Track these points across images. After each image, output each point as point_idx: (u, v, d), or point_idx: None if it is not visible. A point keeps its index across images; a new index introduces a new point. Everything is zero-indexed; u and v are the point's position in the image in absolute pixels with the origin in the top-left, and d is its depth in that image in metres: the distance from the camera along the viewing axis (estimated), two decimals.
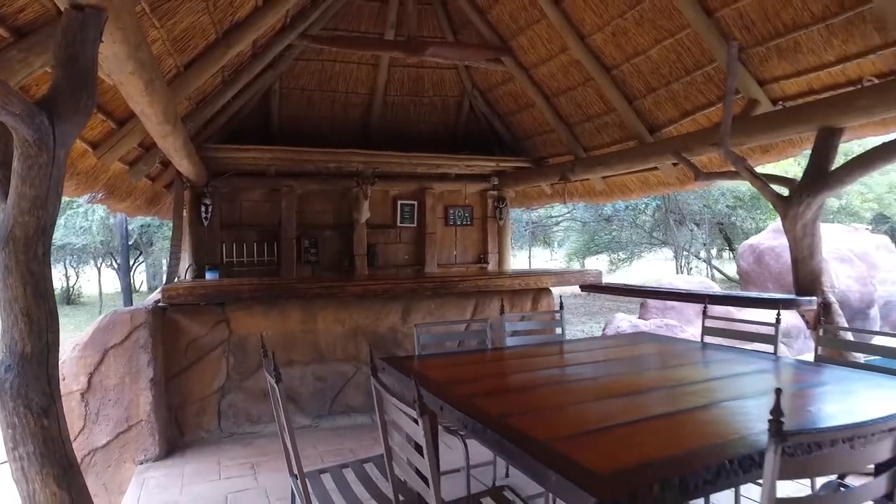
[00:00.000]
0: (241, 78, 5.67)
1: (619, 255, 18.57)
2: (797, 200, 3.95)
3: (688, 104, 5.18)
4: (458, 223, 7.84)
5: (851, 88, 3.93)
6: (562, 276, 5.62)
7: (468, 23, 6.50)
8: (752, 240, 10.28)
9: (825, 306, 4.09)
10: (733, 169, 4.47)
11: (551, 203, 8.85)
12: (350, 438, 4.35)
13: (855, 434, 1.39)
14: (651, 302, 8.39)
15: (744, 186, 13.57)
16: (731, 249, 15.74)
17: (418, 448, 1.67)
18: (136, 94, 2.92)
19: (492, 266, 7.90)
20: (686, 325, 7.84)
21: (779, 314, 3.19)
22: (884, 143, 3.63)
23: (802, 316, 4.22)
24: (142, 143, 4.72)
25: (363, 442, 4.23)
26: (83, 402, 3.86)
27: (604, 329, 8.71)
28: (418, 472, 1.75)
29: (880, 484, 1.51)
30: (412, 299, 5.05)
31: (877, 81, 3.79)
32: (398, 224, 7.62)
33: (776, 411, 1.29)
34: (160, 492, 3.48)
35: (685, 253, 15.66)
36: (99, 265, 20.10)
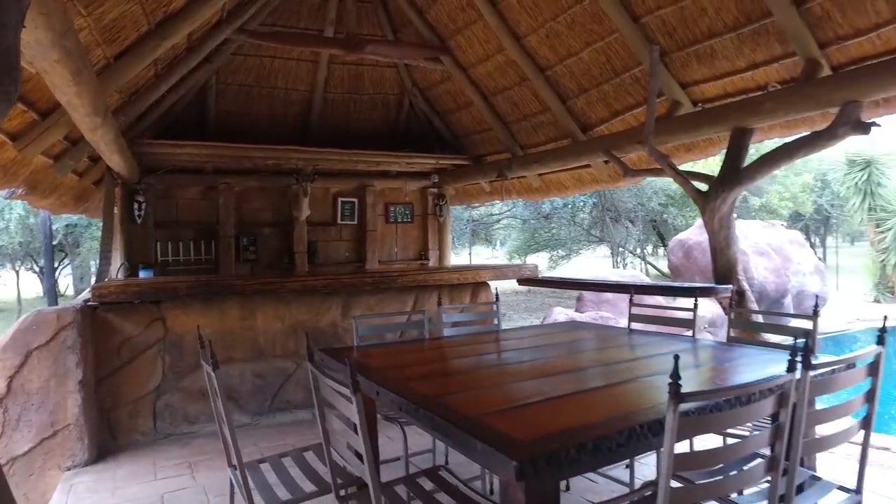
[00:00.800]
0: (175, 72, 5.54)
1: (558, 252, 19.11)
2: (714, 195, 4.24)
3: (617, 104, 5.45)
4: (399, 220, 7.91)
5: (759, 93, 4.26)
6: (499, 271, 5.78)
7: (408, 22, 6.57)
8: (681, 235, 10.84)
9: (740, 293, 4.41)
10: (658, 166, 4.75)
11: (490, 200, 9.05)
12: (291, 434, 4.34)
13: (741, 393, 1.56)
14: (587, 295, 8.73)
15: (675, 185, 14.25)
16: (664, 245, 16.54)
17: (355, 428, 1.74)
18: (62, 84, 2.84)
19: (432, 263, 8.02)
20: (619, 317, 8.19)
21: (696, 301, 3.44)
22: (785, 143, 3.96)
23: (720, 302, 4.53)
24: (68, 136, 4.54)
25: (304, 437, 4.23)
26: (1, 407, 3.68)
27: (542, 322, 8.99)
28: (357, 455, 1.82)
29: (765, 435, 1.70)
30: (352, 295, 5.08)
31: (780, 87, 4.13)
32: (339, 221, 7.62)
33: (674, 375, 1.43)
34: (90, 496, 3.38)
35: (621, 249, 16.32)
36: (17, 268, 18.92)
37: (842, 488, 2.22)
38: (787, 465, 1.94)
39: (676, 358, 1.44)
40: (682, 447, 1.51)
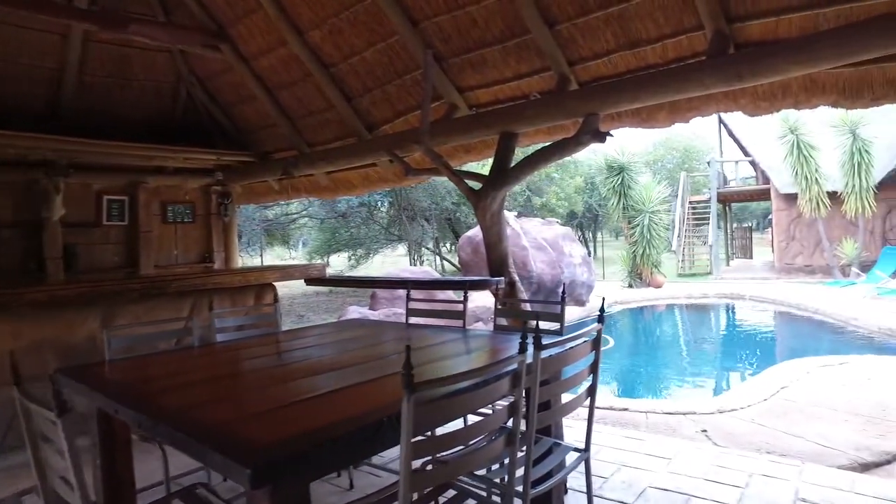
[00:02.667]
0: None
1: (358, 252, 19.23)
2: (485, 194, 4.58)
3: (400, 105, 5.60)
4: (179, 221, 7.24)
5: (523, 101, 4.70)
6: (285, 271, 5.61)
7: (182, 3, 6.01)
8: (470, 232, 11.61)
9: (511, 284, 4.82)
10: (436, 166, 4.98)
11: (280, 200, 8.72)
12: (27, 477, 3.68)
13: (475, 377, 1.67)
14: (380, 293, 8.90)
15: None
16: (457, 242, 17.64)
17: (74, 456, 1.51)
18: None
19: (218, 265, 7.47)
20: (398, 306, 8.50)
21: (466, 294, 3.67)
22: (542, 147, 4.45)
23: (495, 294, 4.90)
24: None
25: None
26: None
27: (338, 321, 8.93)
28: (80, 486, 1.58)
29: (503, 413, 1.85)
30: (116, 303, 4.51)
31: (539, 97, 4.60)
32: (105, 222, 6.71)
33: (406, 366, 1.48)
34: None
35: (418, 246, 16.99)
36: None
37: (576, 449, 2.53)
38: (537, 437, 2.14)
39: (408, 349, 1.49)
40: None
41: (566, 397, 2.51)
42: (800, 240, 17.23)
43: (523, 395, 1.89)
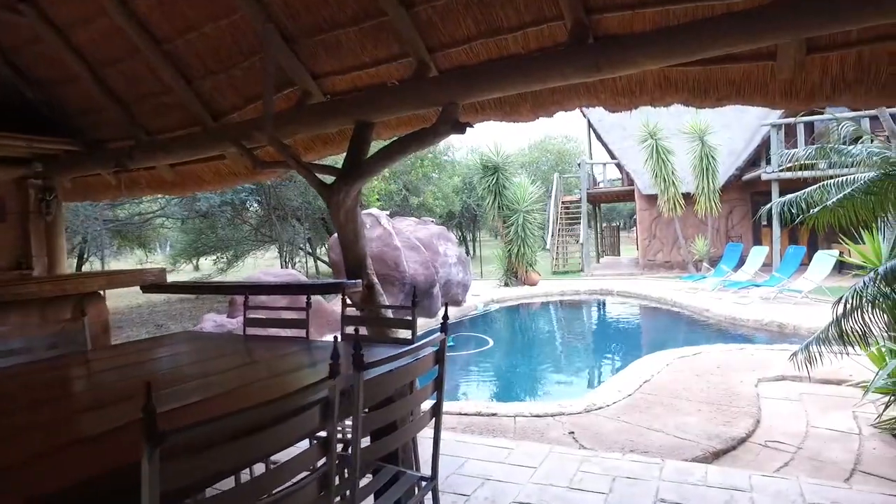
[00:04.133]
0: None
1: (227, 255, 17.88)
2: (337, 188, 4.16)
3: (249, 90, 5.01)
4: None
5: (379, 88, 4.34)
6: (114, 278, 4.83)
7: None
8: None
9: (369, 287, 4.43)
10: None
11: (119, 196, 7.67)
12: None
13: (261, 414, 1.27)
14: (239, 299, 8.13)
15: None
16: None
17: None
18: None
19: (39, 272, 6.36)
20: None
21: (308, 300, 3.23)
22: (399, 138, 4.11)
23: (350, 298, 4.49)
24: None
25: None
26: None
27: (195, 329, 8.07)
28: None
29: (314, 451, 1.47)
30: None
31: (397, 84, 4.27)
32: None
33: (147, 409, 1.04)
34: None
35: (290, 247, 16.08)
36: None
37: (422, 478, 2.20)
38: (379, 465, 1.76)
39: (148, 387, 1.05)
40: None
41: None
42: (660, 237, 18.54)
43: (357, 420, 1.51)
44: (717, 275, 13.48)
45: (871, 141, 5.41)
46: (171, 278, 20.22)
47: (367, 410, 1.74)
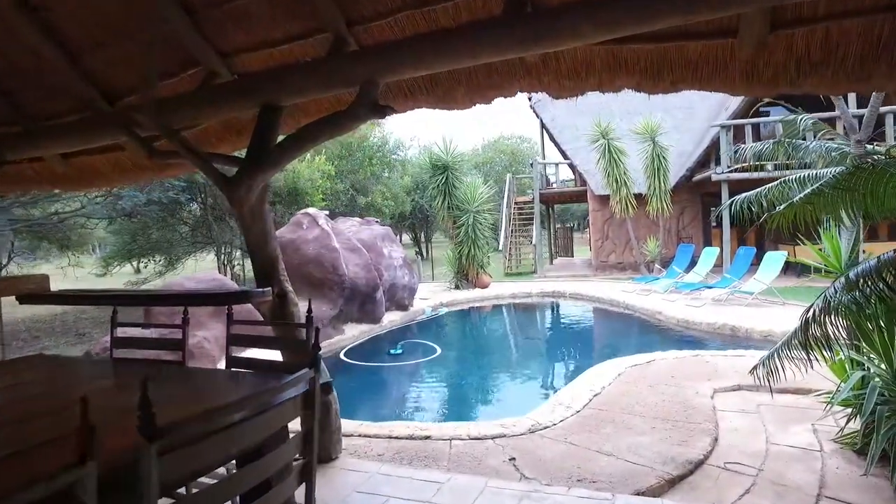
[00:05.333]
0: None
1: (165, 258, 16.76)
2: (239, 182, 3.56)
3: (145, 69, 4.32)
4: None
5: (289, 66, 3.76)
6: None
7: None
8: (276, 232, 10.34)
9: (281, 297, 3.84)
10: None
11: (4, 192, 6.78)
12: None
13: None
14: (156, 308, 7.35)
15: (279, 181, 13.80)
16: None
17: None
18: None
19: None
20: (198, 328, 7.12)
21: (186, 314, 2.63)
22: (309, 124, 3.55)
23: (258, 309, 3.89)
24: None
25: None
26: None
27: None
28: None
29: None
30: None
31: (310, 61, 3.70)
32: None
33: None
34: None
35: (229, 249, 15.13)
36: None
37: None
38: None
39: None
40: None
41: None
42: (612, 238, 18.42)
43: None
44: (670, 276, 13.34)
45: (830, 139, 5.15)
46: (104, 283, 18.99)
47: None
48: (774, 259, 10.99)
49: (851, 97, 12.44)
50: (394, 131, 23.48)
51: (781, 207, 3.40)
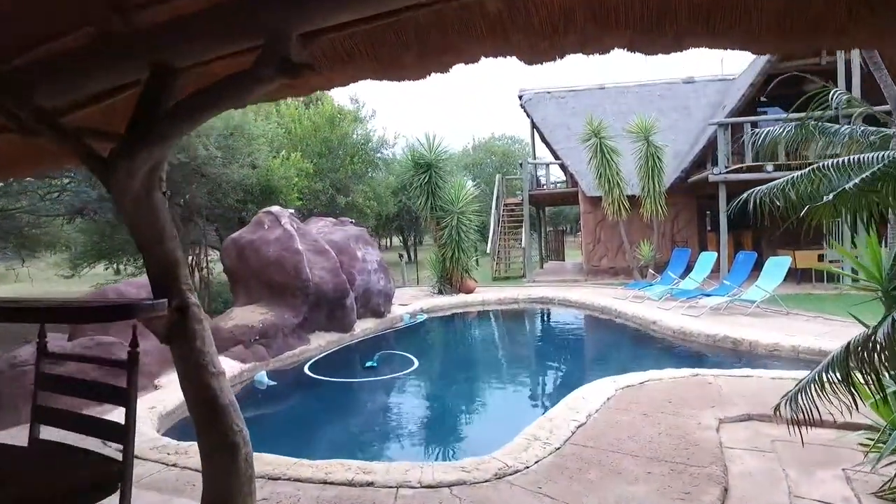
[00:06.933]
0: None
1: (132, 259, 15.81)
2: (114, 162, 2.73)
3: (30, 26, 3.49)
4: None
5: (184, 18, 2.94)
6: None
7: None
8: (235, 234, 9.46)
9: (181, 310, 3.00)
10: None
11: None
12: None
13: None
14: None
15: (252, 179, 12.93)
16: None
17: None
18: None
19: None
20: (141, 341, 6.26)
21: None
22: (204, 89, 2.72)
23: (148, 327, 3.05)
24: None
25: None
26: None
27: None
28: None
29: None
30: None
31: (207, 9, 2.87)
32: None
33: None
34: None
35: (197, 249, 14.21)
36: None
37: None
38: None
39: None
40: None
41: None
42: (605, 242, 17.64)
43: None
44: (664, 282, 12.56)
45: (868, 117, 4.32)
46: (74, 285, 17.87)
47: None
48: (778, 265, 10.24)
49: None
50: (377, 129, 22.61)
51: (832, 195, 2.62)
